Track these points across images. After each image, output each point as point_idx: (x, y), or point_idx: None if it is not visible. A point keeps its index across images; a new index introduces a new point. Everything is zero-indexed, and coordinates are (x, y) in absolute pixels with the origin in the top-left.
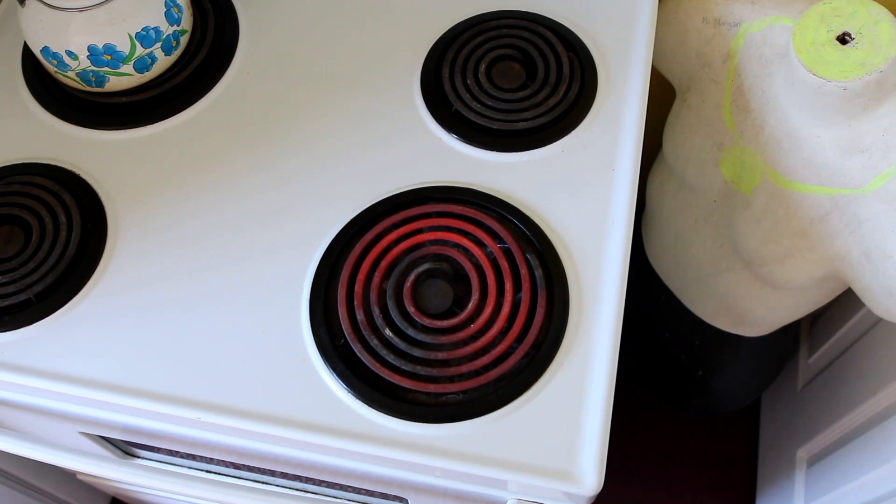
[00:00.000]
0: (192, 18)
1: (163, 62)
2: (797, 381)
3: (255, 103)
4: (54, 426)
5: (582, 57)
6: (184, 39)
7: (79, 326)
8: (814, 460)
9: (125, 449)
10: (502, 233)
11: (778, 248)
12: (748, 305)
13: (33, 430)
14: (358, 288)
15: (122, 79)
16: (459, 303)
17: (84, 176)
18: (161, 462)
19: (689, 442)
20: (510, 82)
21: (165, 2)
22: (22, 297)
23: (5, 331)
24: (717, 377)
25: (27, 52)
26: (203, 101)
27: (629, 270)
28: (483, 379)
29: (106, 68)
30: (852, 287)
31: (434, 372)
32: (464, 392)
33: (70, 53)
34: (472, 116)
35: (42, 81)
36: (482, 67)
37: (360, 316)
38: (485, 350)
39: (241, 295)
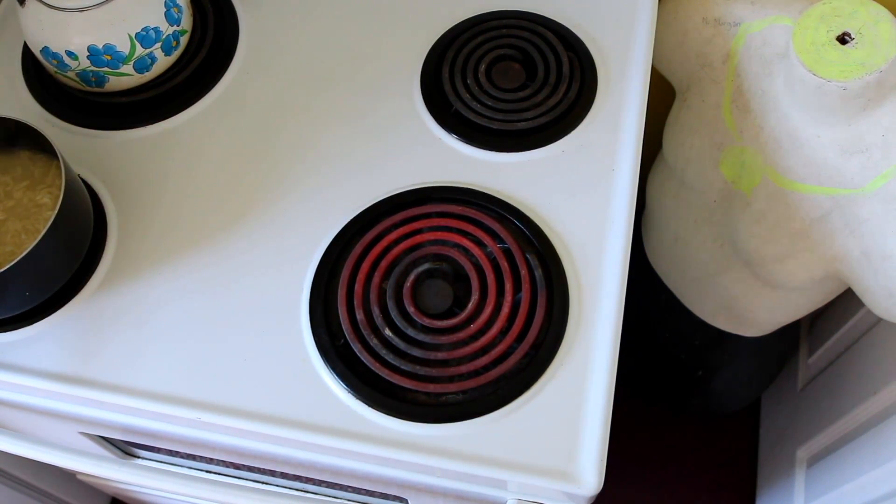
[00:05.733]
0: (192, 18)
1: (163, 62)
2: (797, 381)
3: (255, 103)
4: (54, 426)
5: (582, 57)
6: (184, 39)
7: (79, 326)
8: (814, 460)
9: (125, 449)
10: (502, 233)
11: (778, 248)
12: (748, 305)
13: (33, 430)
14: (358, 288)
15: (122, 79)
16: (459, 303)
17: (84, 176)
18: (161, 462)
19: (689, 442)
20: (510, 82)
21: (165, 2)
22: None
23: (5, 331)
24: (717, 377)
25: (27, 52)
26: (203, 101)
27: (629, 270)
28: (483, 379)
29: (106, 68)
30: (852, 287)
31: (434, 372)
32: (464, 392)
33: (70, 53)
34: (472, 116)
35: (42, 81)
36: (482, 67)
37: (359, 316)
38: (485, 350)
39: (240, 295)
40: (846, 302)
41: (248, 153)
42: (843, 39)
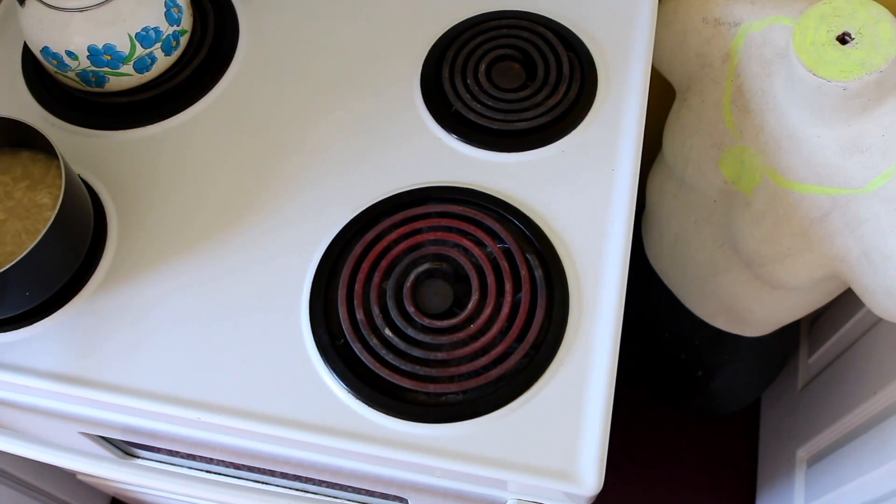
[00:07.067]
0: (192, 18)
1: (163, 62)
2: (797, 381)
3: (255, 103)
4: (54, 426)
5: (582, 57)
6: (184, 39)
7: (79, 326)
8: (814, 460)
9: (125, 449)
10: (502, 233)
11: (778, 248)
12: (748, 305)
13: (33, 430)
14: (358, 288)
15: (122, 79)
16: (459, 303)
17: (84, 176)
18: (161, 462)
19: (689, 442)
20: (510, 82)
21: (165, 2)
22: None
23: (5, 331)
24: (717, 377)
25: (27, 52)
26: (203, 102)
27: (629, 270)
28: (483, 379)
29: (106, 68)
30: (852, 287)
31: (434, 372)
32: (464, 392)
33: (70, 53)
34: (472, 116)
35: (42, 81)
36: (482, 67)
37: (360, 316)
38: (485, 350)
39: (241, 295)
40: (846, 302)
41: (248, 153)
42: (843, 39)
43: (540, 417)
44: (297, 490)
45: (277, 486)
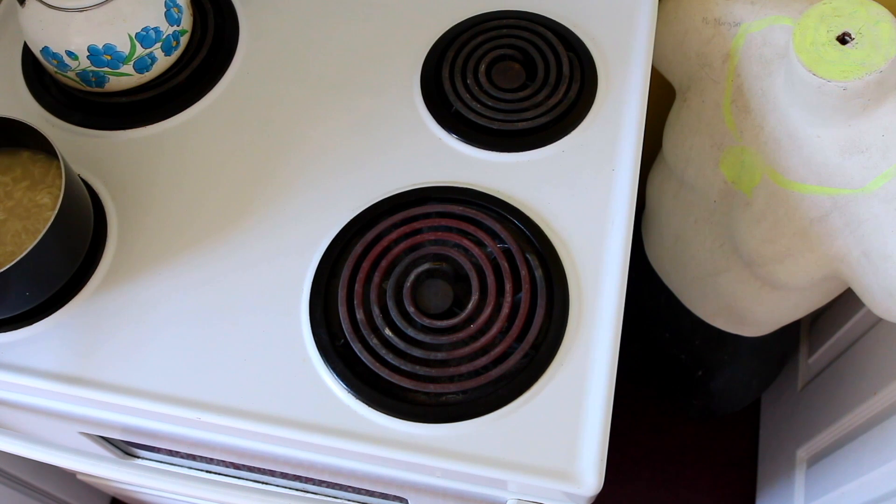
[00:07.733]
0: (192, 18)
1: (163, 62)
2: (797, 381)
3: (255, 103)
4: (54, 426)
5: (582, 57)
6: (184, 39)
7: (79, 326)
8: (814, 460)
9: (125, 449)
10: (502, 233)
11: (778, 248)
12: (748, 305)
13: (33, 430)
14: (358, 288)
15: (122, 79)
16: (459, 303)
17: (84, 176)
18: (161, 462)
19: (689, 442)
20: (510, 82)
21: (165, 2)
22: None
23: (5, 331)
24: (717, 377)
25: (27, 52)
26: (203, 101)
27: (629, 270)
28: (483, 379)
29: (106, 68)
30: (852, 287)
31: (434, 372)
32: (464, 392)
33: (70, 53)
34: (472, 116)
35: (42, 81)
36: (482, 67)
37: (360, 316)
38: (485, 350)
39: (241, 295)
40: (846, 302)
41: (248, 153)
42: (843, 39)
43: (540, 417)
44: (297, 490)
45: (277, 486)
